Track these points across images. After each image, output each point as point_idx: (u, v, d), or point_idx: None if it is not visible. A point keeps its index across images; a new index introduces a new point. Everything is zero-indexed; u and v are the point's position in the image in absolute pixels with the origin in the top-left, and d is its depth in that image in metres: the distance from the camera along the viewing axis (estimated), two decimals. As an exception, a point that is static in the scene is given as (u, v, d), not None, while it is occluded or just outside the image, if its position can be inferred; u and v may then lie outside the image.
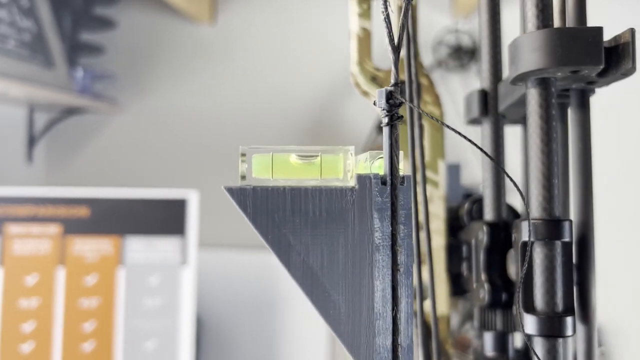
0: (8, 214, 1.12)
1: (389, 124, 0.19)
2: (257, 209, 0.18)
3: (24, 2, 1.37)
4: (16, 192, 1.12)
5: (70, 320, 1.11)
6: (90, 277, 1.13)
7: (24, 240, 1.12)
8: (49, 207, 1.14)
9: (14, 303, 1.10)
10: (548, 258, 0.25)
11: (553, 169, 0.25)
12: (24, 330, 1.10)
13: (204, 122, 1.58)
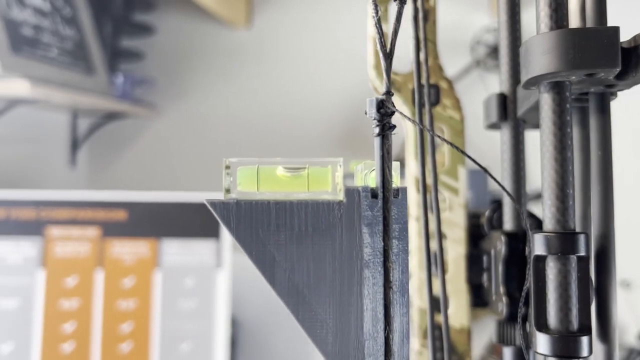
0: (50, 217, 1.15)
1: (380, 134, 0.19)
2: (240, 224, 0.18)
3: (66, 12, 1.41)
4: (57, 195, 1.15)
5: (108, 321, 1.14)
6: (128, 279, 1.15)
7: (65, 242, 1.15)
8: (88, 210, 1.17)
9: (56, 304, 1.13)
10: (562, 274, 0.23)
11: (567, 178, 0.24)
12: (65, 331, 1.12)
13: (240, 126, 1.59)
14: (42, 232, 1.13)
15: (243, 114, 1.61)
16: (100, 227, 1.18)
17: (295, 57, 1.57)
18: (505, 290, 0.30)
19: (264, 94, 1.59)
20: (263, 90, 1.59)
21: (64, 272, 1.14)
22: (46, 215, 1.16)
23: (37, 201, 1.15)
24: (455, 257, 0.38)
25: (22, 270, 1.12)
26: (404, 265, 0.19)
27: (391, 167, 0.19)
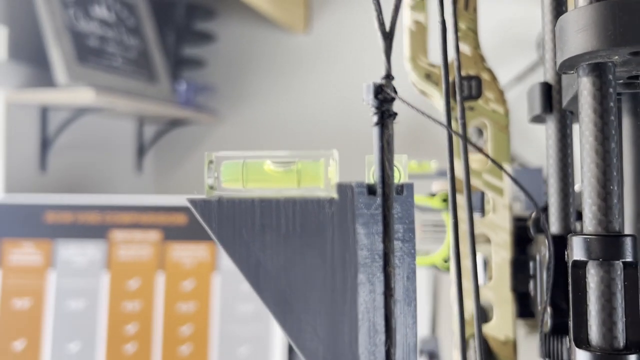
0: (114, 221, 1.19)
1: (379, 122, 0.16)
2: (222, 223, 0.16)
3: (130, 22, 1.46)
4: (120, 200, 1.18)
5: (169, 323, 1.15)
6: (188, 282, 1.16)
7: (128, 246, 1.18)
8: (150, 214, 1.19)
9: (119, 306, 1.15)
10: (604, 282, 0.20)
11: (610, 172, 0.21)
12: (127, 332, 1.15)
13: (300, 129, 1.59)
14: (106, 235, 1.17)
15: (302, 118, 1.60)
16: (162, 230, 1.20)
17: (354, 61, 1.55)
18: (550, 300, 0.27)
19: (323, 98, 1.58)
20: (322, 94, 1.59)
21: (127, 275, 1.17)
22: (110, 219, 1.19)
23: (101, 206, 1.18)
24: (499, 263, 0.35)
25: (88, 272, 1.16)
26: (409, 270, 0.17)
27: (392, 160, 0.17)
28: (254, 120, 1.65)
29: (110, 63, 1.35)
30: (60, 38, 1.23)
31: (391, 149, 0.17)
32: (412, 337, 0.17)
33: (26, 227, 1.17)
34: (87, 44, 1.31)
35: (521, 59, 1.38)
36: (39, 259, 1.17)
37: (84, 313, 1.15)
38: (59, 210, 1.18)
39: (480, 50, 0.37)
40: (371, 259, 0.16)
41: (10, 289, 1.16)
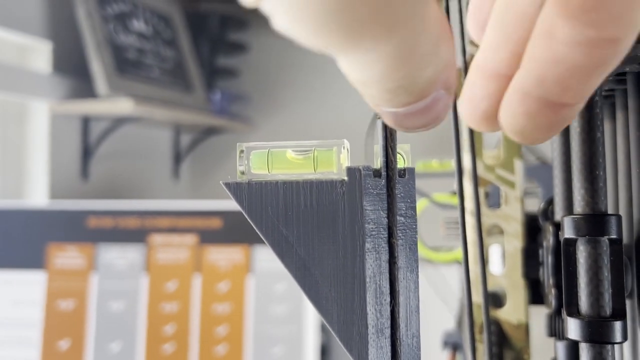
0: (153, 226, 1.23)
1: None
2: (252, 203, 0.19)
3: (166, 34, 1.52)
4: (158, 205, 1.23)
5: (205, 324, 1.19)
6: (223, 284, 1.20)
7: (165, 249, 1.22)
8: (187, 219, 1.24)
9: (158, 307, 1.20)
10: (592, 257, 0.22)
11: (597, 159, 0.23)
12: (166, 332, 1.19)
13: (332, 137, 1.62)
14: (145, 239, 1.22)
15: (334, 125, 1.63)
16: (198, 234, 1.24)
17: None
18: (554, 282, 0.30)
19: (355, 105, 1.61)
20: (353, 101, 1.62)
21: (165, 277, 1.22)
22: (149, 223, 1.24)
23: (140, 211, 1.23)
24: (511, 252, 0.38)
25: (128, 275, 1.21)
26: (412, 242, 0.20)
27: (395, 147, 0.20)
28: (287, 127, 1.69)
29: (148, 74, 1.41)
30: (101, 51, 1.29)
31: (394, 138, 0.20)
32: (414, 300, 0.20)
33: (70, 232, 1.23)
34: (126, 56, 1.37)
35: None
36: (82, 262, 1.22)
37: (124, 314, 1.19)
38: (101, 215, 1.24)
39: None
40: (377, 231, 0.19)
41: (55, 291, 1.21)
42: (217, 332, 1.18)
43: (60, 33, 1.34)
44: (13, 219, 1.20)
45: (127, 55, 1.38)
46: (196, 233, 1.23)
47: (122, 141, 1.48)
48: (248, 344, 1.16)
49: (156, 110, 1.36)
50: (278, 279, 1.17)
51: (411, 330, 0.19)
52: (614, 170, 0.29)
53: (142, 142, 1.57)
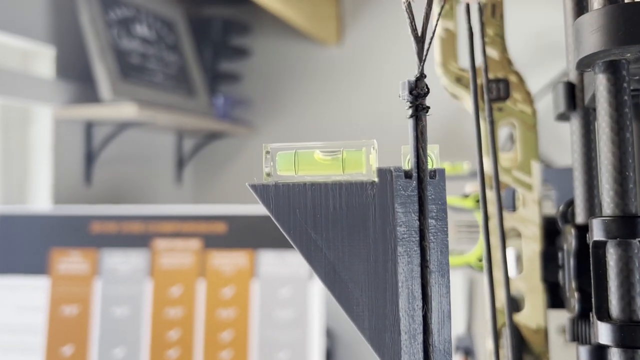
0: (156, 230, 1.23)
1: (414, 115, 0.19)
2: (279, 205, 0.19)
3: (170, 39, 1.52)
4: (162, 210, 1.23)
5: (210, 329, 1.19)
6: (228, 289, 1.19)
7: (170, 254, 1.21)
8: (191, 223, 1.23)
9: (162, 312, 1.19)
10: (622, 260, 0.22)
11: (626, 160, 0.23)
12: (170, 338, 1.19)
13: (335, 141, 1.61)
14: (149, 244, 1.21)
15: (337, 129, 1.63)
16: (202, 239, 1.24)
17: (387, 71, 1.57)
18: (577, 285, 0.29)
19: (358, 109, 1.61)
20: (356, 105, 1.61)
21: (169, 282, 1.21)
22: (153, 228, 1.23)
23: (144, 216, 1.22)
24: (530, 255, 0.37)
25: (132, 280, 1.20)
26: (442, 245, 0.19)
27: (426, 148, 0.19)
28: (290, 132, 1.69)
29: (151, 79, 1.41)
30: (105, 56, 1.29)
31: (425, 138, 0.19)
32: (446, 304, 0.19)
33: (73, 237, 1.22)
34: (130, 61, 1.37)
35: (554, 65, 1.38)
36: (86, 267, 1.21)
37: (128, 319, 1.19)
38: (104, 220, 1.23)
39: (507, 54, 0.39)
40: (408, 234, 0.19)
41: (59, 296, 1.21)
42: (221, 338, 1.17)
43: (63, 38, 1.33)
44: (16, 224, 1.19)
45: (130, 60, 1.37)
46: (200, 238, 1.22)
47: (125, 146, 1.47)
48: (253, 349, 1.15)
49: (159, 115, 1.36)
50: (283, 283, 1.16)
51: (443, 336, 0.19)
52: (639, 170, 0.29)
53: (145, 146, 1.57)
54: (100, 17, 1.31)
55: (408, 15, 0.19)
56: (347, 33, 1.64)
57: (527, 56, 1.42)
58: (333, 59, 1.64)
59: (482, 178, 0.30)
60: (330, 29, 1.62)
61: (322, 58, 1.66)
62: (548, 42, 1.40)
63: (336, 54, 1.64)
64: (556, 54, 1.39)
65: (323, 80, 1.66)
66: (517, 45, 1.39)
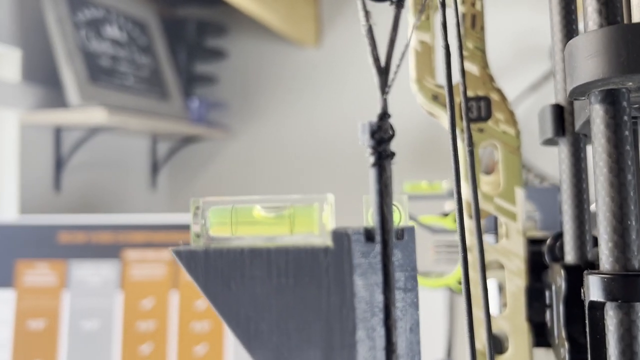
0: (127, 241, 1.18)
1: (377, 164, 0.15)
2: (210, 276, 0.15)
3: (142, 41, 1.47)
4: (133, 219, 1.18)
5: (183, 342, 1.15)
6: (202, 301, 1.16)
7: (141, 265, 1.17)
8: (163, 233, 1.19)
9: (133, 325, 1.15)
10: (624, 325, 0.19)
11: (627, 207, 0.19)
12: (142, 352, 1.14)
13: (312, 144, 1.58)
14: (119, 255, 1.17)
15: (314, 132, 1.60)
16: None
17: (365, 74, 1.54)
18: (567, 335, 0.26)
19: (335, 112, 1.57)
20: (334, 108, 1.58)
21: (140, 294, 1.17)
22: (123, 238, 1.19)
23: (114, 225, 1.18)
24: (514, 292, 0.34)
25: (101, 292, 1.16)
26: (413, 322, 0.16)
27: (391, 204, 0.16)
28: (267, 135, 1.65)
29: (123, 82, 1.36)
30: (73, 59, 1.24)
31: (389, 192, 0.15)
32: (417, 393, 0.15)
33: (40, 248, 1.17)
34: (99, 63, 1.32)
35: (535, 67, 1.36)
36: (53, 279, 1.17)
37: (98, 333, 1.14)
38: (73, 230, 1.19)
39: (489, 70, 0.36)
40: (371, 313, 0.15)
41: (25, 310, 1.16)
42: (195, 351, 1.14)
43: (29, 40, 1.28)
44: (-21, 235, 1.14)
45: (100, 63, 1.32)
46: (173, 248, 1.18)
47: (96, 151, 1.42)
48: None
49: (131, 119, 1.31)
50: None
51: None
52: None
53: (118, 151, 1.52)
54: (67, 17, 1.26)
55: (369, 41, 0.15)
56: (326, 35, 1.61)
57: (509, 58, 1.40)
58: (311, 61, 1.61)
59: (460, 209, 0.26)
60: (308, 31, 1.59)
61: (300, 60, 1.62)
62: (530, 44, 1.38)
63: (314, 56, 1.60)
64: (538, 56, 1.36)
65: (301, 82, 1.62)
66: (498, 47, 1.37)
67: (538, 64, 1.36)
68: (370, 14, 0.16)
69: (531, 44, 1.36)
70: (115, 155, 1.53)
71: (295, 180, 1.61)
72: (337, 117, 1.57)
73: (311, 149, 1.60)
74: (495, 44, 1.20)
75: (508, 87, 0.85)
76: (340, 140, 1.55)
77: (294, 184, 1.61)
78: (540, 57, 1.34)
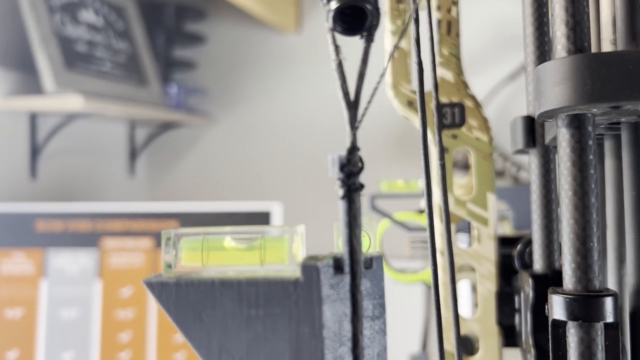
0: (105, 229, 1.18)
1: (346, 196, 0.16)
2: (181, 307, 0.15)
3: (119, 25, 1.44)
4: (111, 208, 1.18)
5: (163, 331, 1.15)
6: (181, 290, 1.16)
7: (119, 253, 1.17)
8: (141, 221, 1.18)
9: (112, 314, 1.15)
10: (584, 343, 0.19)
11: (590, 229, 0.20)
12: (121, 340, 1.14)
13: (293, 130, 1.58)
14: (98, 243, 1.16)
15: (295, 118, 1.59)
16: (154, 237, 1.19)
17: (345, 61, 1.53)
18: (534, 342, 0.27)
19: (316, 97, 1.57)
20: (314, 93, 1.58)
21: (119, 283, 1.16)
22: (101, 227, 1.18)
23: (92, 213, 1.17)
24: (485, 295, 0.35)
25: (80, 281, 1.15)
26: (380, 347, 0.16)
27: (360, 235, 0.16)
28: (246, 121, 1.64)
29: (99, 68, 1.34)
30: (47, 44, 1.22)
31: (358, 224, 0.16)
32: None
33: (17, 237, 1.16)
34: (75, 49, 1.30)
35: (513, 56, 1.37)
36: (31, 268, 1.16)
37: (76, 322, 1.14)
38: (50, 218, 1.18)
39: (463, 77, 0.36)
40: (339, 343, 0.15)
41: (2, 299, 1.15)
42: (175, 339, 1.14)
43: (3, 25, 1.25)
44: (-47, 224, 1.13)
45: (76, 48, 1.30)
46: (152, 236, 1.18)
47: (72, 138, 1.40)
48: (208, 350, 1.13)
49: (108, 106, 1.29)
50: (238, 282, 1.13)
51: None
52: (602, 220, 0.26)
53: (95, 137, 1.50)
54: (41, 2, 1.24)
55: (338, 75, 0.15)
56: (305, 21, 1.60)
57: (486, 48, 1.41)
58: (291, 47, 1.60)
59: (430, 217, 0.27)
60: (288, 17, 1.58)
61: (280, 46, 1.61)
62: (507, 34, 1.39)
63: (294, 42, 1.60)
64: (515, 46, 1.37)
65: (281, 68, 1.61)
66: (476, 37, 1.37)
67: (517, 52, 1.37)
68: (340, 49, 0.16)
69: (510, 34, 1.37)
70: (92, 142, 1.51)
71: (275, 167, 1.61)
72: (317, 103, 1.57)
73: (291, 136, 1.60)
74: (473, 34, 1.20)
75: (488, 76, 0.88)
76: (320, 125, 1.55)
77: (274, 170, 1.61)
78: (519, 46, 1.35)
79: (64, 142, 1.39)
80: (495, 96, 1.33)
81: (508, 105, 1.35)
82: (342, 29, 0.16)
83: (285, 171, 1.58)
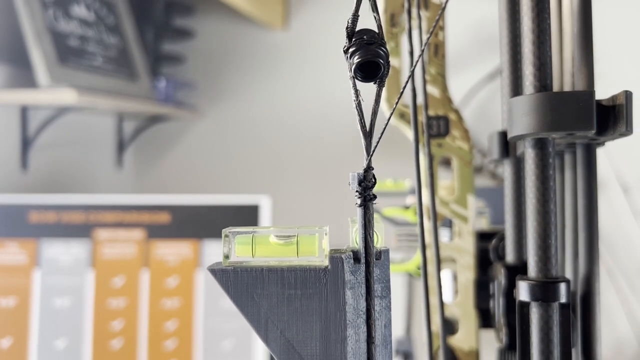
0: (97, 220, 1.21)
1: (362, 205, 0.21)
2: (237, 288, 0.20)
3: (109, 20, 1.47)
4: (103, 199, 1.21)
5: (154, 319, 1.19)
6: (172, 279, 1.20)
7: (112, 244, 1.20)
8: (134, 213, 1.22)
9: (104, 303, 1.18)
10: (543, 319, 0.25)
11: (550, 229, 0.25)
12: (113, 328, 1.18)
13: (280, 125, 1.62)
14: (90, 234, 1.19)
15: (282, 113, 1.63)
16: (145, 229, 1.23)
17: (333, 56, 1.58)
18: (505, 321, 0.32)
19: (303, 94, 1.61)
20: (302, 90, 1.62)
21: (111, 273, 1.20)
22: (94, 218, 1.21)
23: (85, 205, 1.20)
24: (464, 283, 0.40)
25: (73, 271, 1.18)
26: (386, 320, 0.21)
27: (373, 235, 0.21)
28: (234, 116, 1.68)
29: (91, 62, 1.37)
30: (41, 39, 1.24)
31: (372, 225, 0.21)
32: (388, 372, 0.21)
33: (10, 227, 1.19)
34: (68, 44, 1.32)
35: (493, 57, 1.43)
36: (24, 258, 1.18)
37: (69, 311, 1.17)
38: (43, 210, 1.20)
39: (448, 93, 0.41)
40: (357, 316, 0.20)
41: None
42: (166, 327, 1.18)
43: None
44: (-51, 215, 1.15)
45: (68, 43, 1.33)
46: (143, 228, 1.21)
47: (62, 130, 1.43)
48: (198, 338, 1.16)
49: (100, 100, 1.32)
50: (227, 273, 1.17)
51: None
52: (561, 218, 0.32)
53: (84, 130, 1.53)
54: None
55: (358, 113, 0.20)
56: (293, 17, 1.64)
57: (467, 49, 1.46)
58: (279, 43, 1.64)
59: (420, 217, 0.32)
60: (276, 13, 1.61)
61: (267, 42, 1.65)
62: (486, 36, 1.44)
63: (282, 38, 1.64)
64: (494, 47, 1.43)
65: (269, 64, 1.65)
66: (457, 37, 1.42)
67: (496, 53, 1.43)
68: (359, 92, 0.21)
69: (489, 36, 1.43)
70: (82, 135, 1.54)
71: (262, 161, 1.65)
72: (304, 99, 1.61)
73: (278, 130, 1.64)
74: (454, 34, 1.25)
75: (468, 75, 0.94)
76: (307, 121, 1.59)
77: (261, 164, 1.65)
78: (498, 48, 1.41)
79: (54, 135, 1.42)
80: (474, 95, 1.39)
81: (487, 104, 1.41)
82: (361, 77, 0.21)
83: (272, 165, 1.63)
